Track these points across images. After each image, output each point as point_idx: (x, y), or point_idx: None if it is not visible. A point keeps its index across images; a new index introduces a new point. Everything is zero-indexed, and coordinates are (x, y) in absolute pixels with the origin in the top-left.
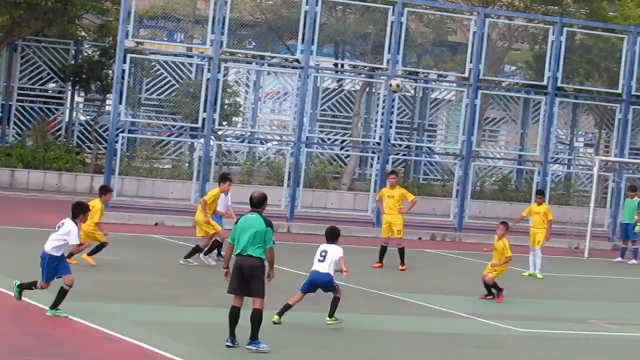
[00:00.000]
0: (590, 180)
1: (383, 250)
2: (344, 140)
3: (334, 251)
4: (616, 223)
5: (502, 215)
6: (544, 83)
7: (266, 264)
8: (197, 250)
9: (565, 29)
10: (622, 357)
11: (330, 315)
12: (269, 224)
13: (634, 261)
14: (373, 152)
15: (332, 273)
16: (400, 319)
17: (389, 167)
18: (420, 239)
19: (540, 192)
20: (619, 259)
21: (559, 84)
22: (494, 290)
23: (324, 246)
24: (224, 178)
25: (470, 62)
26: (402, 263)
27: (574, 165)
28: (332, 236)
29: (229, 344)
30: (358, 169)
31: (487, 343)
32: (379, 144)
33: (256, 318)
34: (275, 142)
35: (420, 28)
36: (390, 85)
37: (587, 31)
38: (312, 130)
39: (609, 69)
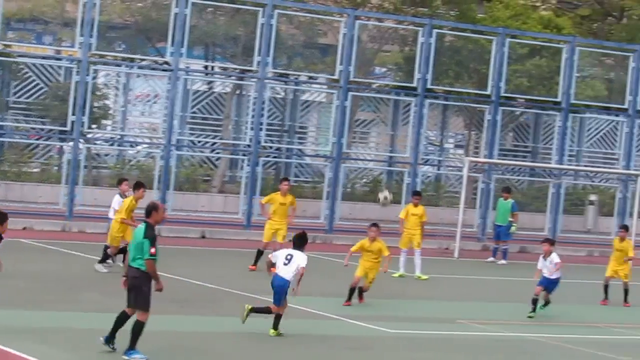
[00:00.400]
0: (460, 181)
1: (260, 253)
2: (214, 143)
3: (299, 258)
4: (486, 224)
5: (372, 217)
6: (414, 85)
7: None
8: (107, 254)
9: (434, 30)
10: (490, 357)
11: (274, 327)
12: (147, 235)
13: (503, 261)
14: (244, 155)
15: (290, 279)
16: (272, 322)
17: (259, 170)
18: (290, 241)
19: (418, 193)
20: (491, 259)
21: (428, 86)
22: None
23: (291, 250)
24: (137, 185)
25: (341, 64)
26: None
27: (444, 167)
28: (300, 242)
29: (101, 339)
30: (229, 172)
31: (358, 344)
32: (249, 146)
33: (134, 329)
34: (145, 145)
35: (290, 30)
36: (379, 199)
37: (456, 33)
38: (182, 133)
39: (478, 71)
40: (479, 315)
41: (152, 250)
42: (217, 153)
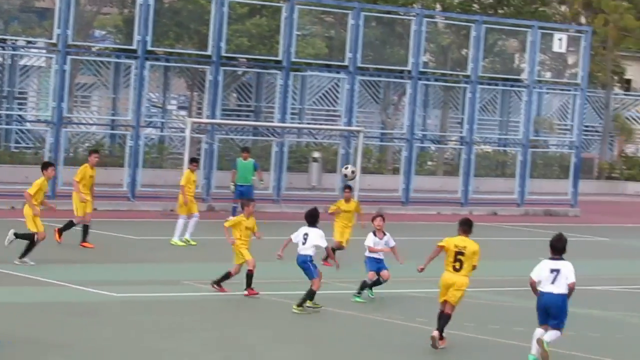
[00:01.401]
0: (184, 143)
1: (71, 225)
2: None
3: (315, 237)
4: (210, 184)
5: (99, 181)
6: (134, 47)
7: None
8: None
9: None
10: (214, 316)
11: (299, 304)
12: None
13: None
14: None
15: (311, 254)
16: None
17: None
18: (12, 207)
19: (196, 160)
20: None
21: (149, 48)
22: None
23: (305, 229)
24: (46, 165)
25: (59, 27)
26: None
27: (167, 128)
28: (313, 220)
29: None
30: None
31: (83, 310)
32: None
33: None
34: None
35: None
36: (346, 175)
37: None
38: None
39: (199, 31)
40: (206, 276)
41: None
42: None
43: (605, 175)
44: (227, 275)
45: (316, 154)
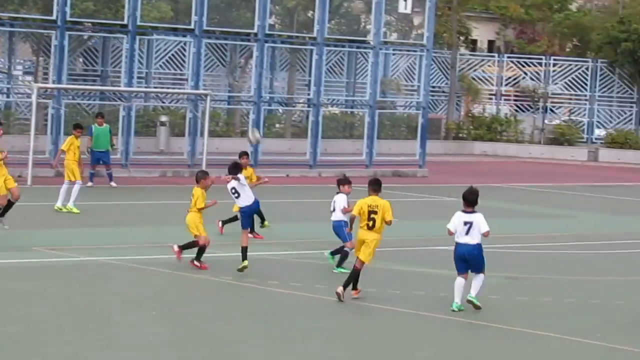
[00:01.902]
0: (30, 108)
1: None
2: None
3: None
4: (57, 149)
5: None
6: None
7: None
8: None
9: None
10: (64, 282)
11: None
12: None
13: (113, 184)
14: None
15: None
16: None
17: None
18: None
19: (80, 126)
20: (91, 183)
21: None
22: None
23: (231, 185)
24: None
25: None
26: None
27: (13, 94)
28: (235, 172)
29: None
30: None
31: None
32: None
33: None
34: None
35: None
36: (250, 141)
37: None
38: None
39: None
40: (55, 242)
41: None
42: None
43: (452, 135)
44: (195, 245)
45: (164, 118)
